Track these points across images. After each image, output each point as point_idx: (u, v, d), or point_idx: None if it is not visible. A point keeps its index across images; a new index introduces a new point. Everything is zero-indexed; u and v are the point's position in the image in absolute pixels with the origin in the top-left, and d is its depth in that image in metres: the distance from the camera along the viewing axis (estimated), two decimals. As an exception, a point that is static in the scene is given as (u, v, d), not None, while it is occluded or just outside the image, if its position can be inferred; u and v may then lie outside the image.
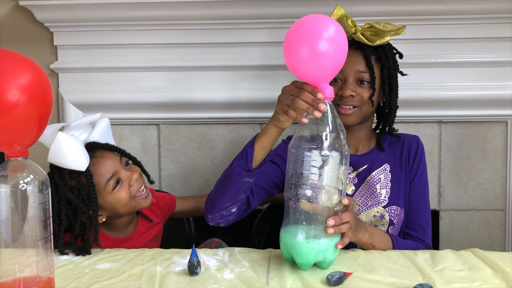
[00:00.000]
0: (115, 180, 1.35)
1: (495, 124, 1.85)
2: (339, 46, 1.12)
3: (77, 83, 1.88)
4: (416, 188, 1.44)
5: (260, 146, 1.25)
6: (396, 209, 1.41)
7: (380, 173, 1.44)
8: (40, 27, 1.85)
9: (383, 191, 1.42)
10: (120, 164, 1.38)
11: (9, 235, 0.97)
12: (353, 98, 1.38)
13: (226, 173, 1.29)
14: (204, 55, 1.85)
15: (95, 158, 1.34)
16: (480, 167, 1.87)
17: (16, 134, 0.95)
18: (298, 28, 1.13)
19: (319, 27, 1.11)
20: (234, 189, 1.28)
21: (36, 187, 0.97)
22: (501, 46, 1.79)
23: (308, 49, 1.10)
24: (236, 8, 1.75)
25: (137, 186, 1.38)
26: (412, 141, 1.47)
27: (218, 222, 1.34)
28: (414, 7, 1.73)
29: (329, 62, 1.11)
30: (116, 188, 1.35)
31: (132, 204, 1.38)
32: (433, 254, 1.22)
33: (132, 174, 1.37)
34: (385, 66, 1.41)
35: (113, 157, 1.38)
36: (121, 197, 1.35)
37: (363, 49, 1.39)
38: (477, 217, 1.89)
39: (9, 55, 0.96)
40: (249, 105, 1.85)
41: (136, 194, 1.38)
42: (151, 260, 1.20)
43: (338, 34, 1.12)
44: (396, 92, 1.44)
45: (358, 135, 1.46)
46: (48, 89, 0.98)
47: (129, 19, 1.80)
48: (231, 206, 1.31)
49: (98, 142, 1.38)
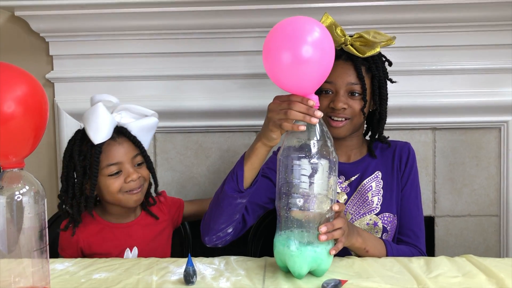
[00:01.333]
0: (117, 169, 1.39)
1: (489, 130, 1.87)
2: (325, 52, 1.07)
3: (73, 93, 1.88)
4: (408, 194, 1.44)
5: (250, 167, 1.25)
6: (388, 216, 1.42)
7: (372, 180, 1.44)
8: (35, 37, 1.86)
9: (375, 199, 1.42)
10: (130, 159, 1.41)
11: (5, 246, 0.97)
12: (345, 110, 1.37)
13: (218, 195, 1.29)
14: (199, 64, 1.86)
15: (113, 140, 1.39)
16: (474, 173, 1.88)
17: (12, 145, 0.95)
18: (278, 32, 1.08)
19: (302, 30, 1.06)
20: (228, 211, 1.28)
21: (32, 197, 0.97)
22: (494, 53, 1.81)
23: (290, 55, 1.04)
24: (231, 17, 1.76)
25: (131, 186, 1.40)
26: (403, 148, 1.47)
27: (216, 244, 1.34)
28: (408, 15, 1.75)
29: (314, 70, 1.06)
30: (113, 176, 1.39)
31: (117, 197, 1.40)
32: (427, 260, 1.23)
33: (133, 173, 1.39)
34: (376, 76, 1.40)
35: (129, 150, 1.41)
36: (112, 186, 1.38)
37: (353, 60, 1.38)
38: (472, 223, 1.90)
39: (4, 67, 0.96)
40: (244, 113, 1.86)
41: (127, 190, 1.40)
42: (147, 270, 1.20)
43: (323, 38, 1.07)
44: (386, 100, 1.43)
45: (349, 143, 1.47)
46: (43, 101, 0.99)
47: (124, 29, 1.81)
48: (227, 227, 1.31)
49: (130, 131, 1.42)
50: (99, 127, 1.36)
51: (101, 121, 1.36)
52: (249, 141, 1.90)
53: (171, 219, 1.57)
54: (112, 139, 1.39)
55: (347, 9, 1.72)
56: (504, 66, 1.81)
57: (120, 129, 1.42)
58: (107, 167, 1.38)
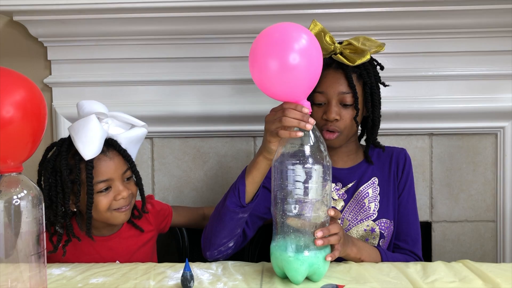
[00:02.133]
0: (106, 185, 1.32)
1: (485, 136, 1.87)
2: (313, 59, 1.07)
3: (71, 97, 1.88)
4: (405, 201, 1.45)
5: (251, 181, 1.26)
6: (385, 222, 1.42)
7: (368, 187, 1.45)
8: (34, 42, 1.86)
9: (371, 205, 1.43)
10: (120, 175, 1.34)
11: (2, 250, 0.97)
12: (337, 122, 1.36)
13: (220, 210, 1.29)
14: (197, 69, 1.86)
15: (104, 155, 1.32)
16: (471, 179, 1.89)
17: (10, 149, 0.96)
18: (264, 38, 1.08)
19: (289, 36, 1.05)
20: (230, 226, 1.29)
21: (30, 202, 0.97)
22: (491, 59, 1.82)
23: (277, 63, 1.05)
24: (228, 23, 1.77)
25: (120, 204, 1.34)
26: (400, 154, 1.48)
27: (217, 258, 1.35)
28: (405, 21, 1.76)
29: (302, 77, 1.07)
30: (102, 193, 1.31)
31: (106, 215, 1.33)
32: (424, 265, 1.23)
33: (123, 191, 1.33)
34: (367, 83, 1.39)
35: (119, 165, 1.34)
36: (100, 203, 1.31)
37: (343, 68, 1.37)
38: (469, 228, 1.90)
39: (3, 72, 0.97)
40: (242, 118, 1.86)
41: (115, 208, 1.34)
42: (144, 274, 1.20)
43: (311, 45, 1.07)
44: (378, 106, 1.42)
45: (344, 149, 1.46)
46: (42, 106, 0.99)
47: (122, 34, 1.82)
48: (229, 241, 1.32)
49: (120, 143, 1.35)
50: (91, 141, 1.27)
51: (93, 135, 1.28)
52: (246, 146, 1.91)
53: (157, 228, 1.51)
54: (102, 153, 1.31)
55: (345, 15, 1.73)
56: (500, 72, 1.82)
57: (109, 142, 1.35)
58: (96, 184, 1.30)
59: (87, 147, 1.27)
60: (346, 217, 1.43)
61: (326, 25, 1.74)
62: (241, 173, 1.29)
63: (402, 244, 1.43)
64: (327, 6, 1.70)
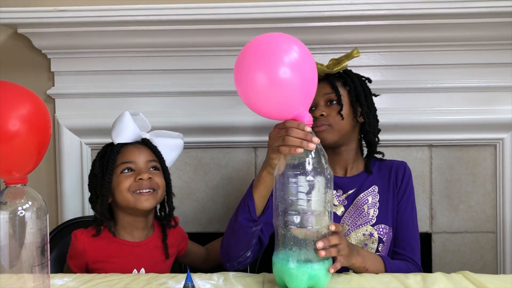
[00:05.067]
0: (127, 166, 1.42)
1: (484, 147, 1.89)
2: (306, 72, 1.04)
3: (74, 109, 1.90)
4: (404, 209, 1.48)
5: (258, 195, 1.29)
6: (384, 227, 1.45)
7: (368, 194, 1.48)
8: (37, 53, 1.88)
9: (370, 211, 1.46)
10: (144, 161, 1.43)
11: (7, 261, 0.98)
12: (324, 117, 1.44)
13: (233, 226, 1.33)
14: (198, 81, 1.88)
15: (132, 145, 1.46)
16: (470, 190, 1.90)
17: (16, 162, 0.97)
18: (251, 50, 1.06)
19: (278, 48, 1.03)
20: (245, 239, 1.33)
21: (34, 213, 0.99)
22: (489, 72, 1.84)
23: (266, 77, 1.02)
24: (230, 35, 1.79)
25: (139, 185, 1.39)
26: (400, 166, 1.52)
27: (238, 268, 1.38)
28: (405, 34, 1.78)
29: (294, 94, 1.05)
30: (124, 173, 1.41)
31: (128, 196, 1.39)
32: (424, 277, 1.23)
33: (144, 173, 1.41)
34: (352, 88, 1.48)
35: (145, 153, 1.45)
36: (122, 183, 1.40)
37: (327, 77, 1.50)
38: (468, 239, 1.91)
39: (10, 87, 0.99)
40: (243, 129, 1.88)
41: (135, 189, 1.39)
42: (146, 285, 1.20)
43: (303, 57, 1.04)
44: (371, 112, 1.49)
45: (345, 157, 1.51)
46: (47, 119, 1.01)
47: (124, 47, 1.84)
48: (246, 252, 1.36)
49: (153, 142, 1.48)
50: (122, 129, 1.45)
51: (123, 125, 1.45)
52: (247, 157, 1.92)
53: (177, 247, 1.55)
54: (132, 144, 1.46)
55: (345, 28, 1.75)
56: (499, 85, 1.83)
57: (143, 140, 1.49)
58: (121, 165, 1.41)
59: (117, 133, 1.45)
60: (346, 222, 1.46)
61: (325, 38, 1.78)
62: (249, 188, 1.31)
63: (401, 251, 1.45)
64: (328, 19, 1.72)
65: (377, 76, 1.85)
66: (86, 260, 1.40)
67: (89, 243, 1.40)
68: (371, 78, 1.56)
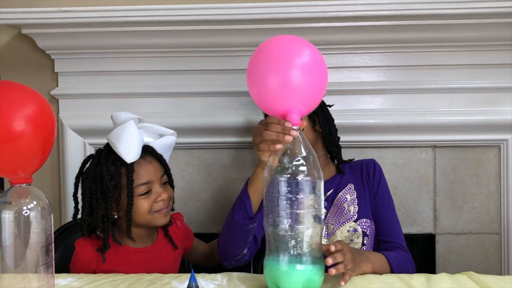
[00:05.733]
0: (147, 188, 1.37)
1: (488, 148, 1.88)
2: (317, 74, 1.05)
3: (77, 109, 1.90)
4: (381, 201, 1.53)
5: (254, 191, 1.31)
6: (366, 221, 1.50)
7: (346, 192, 1.53)
8: (41, 54, 1.89)
9: (351, 208, 1.51)
10: (159, 178, 1.39)
11: (11, 261, 0.98)
12: None
13: (230, 224, 1.34)
14: (202, 81, 1.88)
15: (143, 159, 1.37)
16: (474, 191, 1.89)
17: (21, 161, 0.98)
18: (264, 53, 1.06)
19: (290, 50, 1.04)
20: (242, 237, 1.35)
21: (39, 213, 0.99)
22: (493, 72, 1.83)
23: (278, 79, 1.03)
24: (233, 36, 1.79)
25: (160, 205, 1.38)
26: (369, 163, 1.58)
27: (236, 265, 1.41)
28: (408, 34, 1.78)
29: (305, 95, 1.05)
30: (142, 196, 1.36)
31: (148, 217, 1.38)
32: (428, 277, 1.23)
33: (163, 193, 1.38)
34: None
35: (158, 169, 1.40)
36: (142, 206, 1.36)
37: None
38: (472, 240, 1.91)
39: (15, 87, 1.00)
40: (246, 130, 1.87)
41: (156, 210, 1.38)
42: (150, 285, 1.20)
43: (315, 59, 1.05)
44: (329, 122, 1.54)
45: None
46: (51, 119, 1.02)
47: (128, 47, 1.84)
48: (243, 250, 1.38)
49: (155, 149, 1.41)
50: (132, 145, 1.34)
51: (133, 139, 1.35)
52: (251, 158, 1.92)
53: (183, 246, 1.55)
54: (141, 158, 1.37)
55: (348, 29, 1.74)
56: (503, 85, 1.83)
57: (146, 148, 1.41)
58: (138, 187, 1.35)
59: (128, 150, 1.33)
60: (330, 222, 1.51)
61: (328, 38, 1.78)
62: (244, 186, 1.33)
63: (387, 238, 1.50)
64: (331, 20, 1.72)
65: (380, 77, 1.85)
66: (93, 270, 1.38)
67: (96, 253, 1.38)
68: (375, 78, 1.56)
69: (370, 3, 1.67)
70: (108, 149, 1.38)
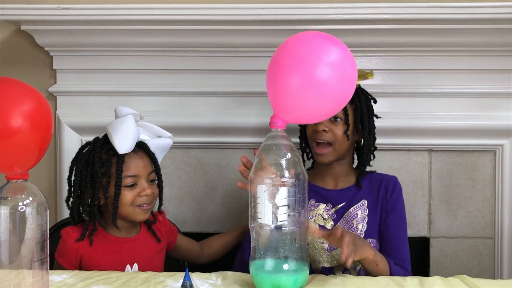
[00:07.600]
0: (133, 181, 1.40)
1: (484, 153, 1.89)
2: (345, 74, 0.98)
3: (75, 107, 1.91)
4: (395, 221, 1.47)
5: None
6: (372, 241, 1.46)
7: (357, 209, 1.48)
8: (40, 51, 1.89)
9: (359, 226, 1.47)
10: (146, 174, 1.42)
11: (6, 256, 0.98)
12: (326, 133, 1.43)
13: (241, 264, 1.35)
14: (200, 81, 1.89)
15: (134, 153, 1.41)
16: (469, 195, 1.90)
17: (18, 157, 0.98)
18: (287, 50, 1.01)
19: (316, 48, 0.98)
20: None
21: (35, 209, 0.99)
22: (490, 78, 1.84)
23: (301, 79, 0.98)
24: (232, 36, 1.79)
25: (143, 200, 1.40)
26: (390, 181, 1.51)
27: None
28: (406, 38, 1.78)
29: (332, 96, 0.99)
30: (128, 187, 1.39)
31: (129, 209, 1.40)
32: (422, 280, 1.23)
33: (147, 189, 1.40)
34: (358, 107, 1.46)
35: (147, 165, 1.43)
36: (126, 197, 1.38)
37: None
38: (466, 244, 1.91)
39: (13, 83, 1.00)
40: (244, 130, 1.88)
41: (138, 204, 1.40)
42: (144, 283, 1.20)
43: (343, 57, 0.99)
44: (371, 133, 1.49)
45: (337, 171, 1.52)
46: (49, 116, 1.02)
47: (127, 45, 1.85)
48: None
49: (149, 146, 1.45)
50: (127, 138, 1.38)
51: (129, 132, 1.38)
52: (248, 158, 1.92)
53: (166, 241, 1.56)
54: (133, 152, 1.41)
55: (347, 32, 1.75)
56: (500, 91, 1.84)
57: (140, 144, 1.44)
58: (125, 178, 1.39)
59: (122, 142, 1.37)
60: None
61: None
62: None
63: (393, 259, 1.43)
64: (330, 23, 1.73)
65: (378, 80, 1.86)
66: (80, 256, 1.40)
67: (83, 241, 1.40)
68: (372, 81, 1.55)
69: (370, 7, 1.67)
70: (105, 138, 1.42)
